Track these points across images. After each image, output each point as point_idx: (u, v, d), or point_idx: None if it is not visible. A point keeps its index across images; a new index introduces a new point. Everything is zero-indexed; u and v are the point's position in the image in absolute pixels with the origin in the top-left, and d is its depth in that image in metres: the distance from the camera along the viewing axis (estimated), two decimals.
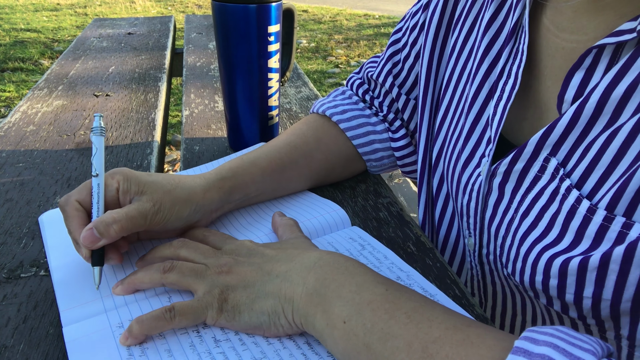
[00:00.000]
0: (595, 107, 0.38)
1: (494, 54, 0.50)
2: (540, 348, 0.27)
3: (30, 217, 0.56)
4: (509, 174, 0.45)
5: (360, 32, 4.73)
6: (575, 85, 0.40)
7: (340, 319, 0.35)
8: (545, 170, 0.42)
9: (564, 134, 0.40)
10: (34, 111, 0.85)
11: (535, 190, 0.43)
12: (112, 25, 1.49)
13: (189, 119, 0.83)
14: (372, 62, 0.69)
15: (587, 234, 0.38)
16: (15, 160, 0.68)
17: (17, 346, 0.39)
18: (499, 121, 0.47)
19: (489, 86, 0.50)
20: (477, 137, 0.51)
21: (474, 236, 0.51)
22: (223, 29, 0.64)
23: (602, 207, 0.37)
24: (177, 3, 5.90)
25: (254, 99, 0.68)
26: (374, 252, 0.50)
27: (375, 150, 0.65)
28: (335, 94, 0.69)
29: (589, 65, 0.40)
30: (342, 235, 0.53)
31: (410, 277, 0.46)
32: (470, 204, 0.50)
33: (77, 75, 1.04)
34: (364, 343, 0.33)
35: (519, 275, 0.44)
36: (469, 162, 0.51)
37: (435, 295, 0.44)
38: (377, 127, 0.65)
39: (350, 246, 0.51)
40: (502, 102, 0.47)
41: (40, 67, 3.56)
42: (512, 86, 0.46)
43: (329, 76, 3.52)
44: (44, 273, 0.47)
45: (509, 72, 0.48)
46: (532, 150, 0.42)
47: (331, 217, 0.54)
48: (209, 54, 1.22)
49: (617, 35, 0.37)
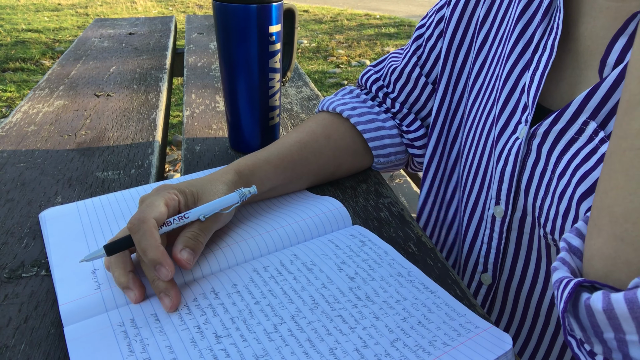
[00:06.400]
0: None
1: (529, 34, 0.51)
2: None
3: (32, 217, 0.56)
4: (547, 135, 0.46)
5: (361, 32, 4.73)
6: (619, 49, 0.40)
7: None
8: (583, 133, 0.43)
9: (605, 98, 0.41)
10: (35, 111, 0.85)
11: (571, 152, 0.44)
12: (113, 25, 1.49)
13: (190, 119, 0.83)
14: (395, 56, 0.71)
15: None
16: (17, 160, 0.68)
17: (18, 346, 0.39)
18: (537, 88, 0.48)
19: (524, 62, 0.51)
20: (513, 107, 0.52)
21: (505, 202, 0.52)
22: (224, 29, 0.64)
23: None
24: (178, 3, 5.91)
25: (255, 99, 0.68)
26: (374, 248, 0.50)
27: (385, 145, 0.67)
28: (343, 93, 0.71)
29: (633, 31, 0.40)
30: (343, 232, 0.53)
31: (410, 273, 0.47)
32: (506, 168, 0.51)
33: (78, 76, 1.04)
34: None
35: (558, 232, 0.45)
36: (504, 131, 0.52)
37: (436, 291, 0.44)
38: (387, 123, 0.67)
39: (351, 242, 0.51)
40: (538, 71, 0.48)
41: (41, 67, 3.56)
42: (548, 56, 0.48)
43: (330, 76, 3.52)
44: (45, 273, 0.47)
45: (545, 45, 0.49)
46: (572, 112, 0.43)
47: (332, 216, 0.55)
48: (210, 54, 1.22)
49: None
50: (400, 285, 0.45)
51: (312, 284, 0.45)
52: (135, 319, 0.41)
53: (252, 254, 0.49)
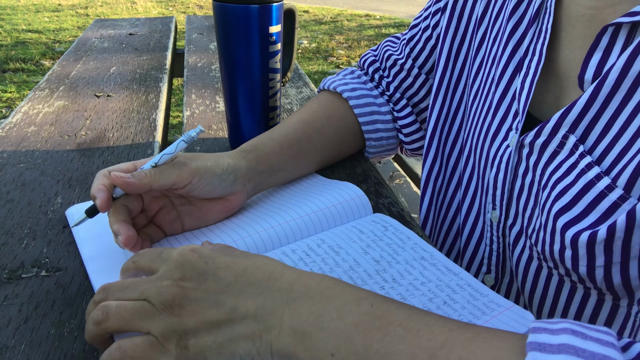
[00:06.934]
0: (613, 85, 0.39)
1: (519, 35, 0.52)
2: (559, 325, 0.27)
3: (32, 218, 0.56)
4: (533, 146, 0.47)
5: (361, 32, 4.73)
6: (594, 65, 0.41)
7: (327, 352, 0.31)
8: (564, 147, 0.43)
9: (582, 113, 0.41)
10: (35, 112, 0.85)
11: (553, 165, 0.44)
12: (114, 25, 1.49)
13: (190, 119, 0.83)
14: (391, 41, 0.73)
15: (598, 209, 0.39)
16: (17, 161, 0.68)
17: (18, 347, 0.39)
18: (527, 95, 0.49)
19: (514, 64, 0.52)
20: (504, 112, 0.52)
21: (499, 208, 0.52)
22: (224, 30, 0.64)
23: (621, 185, 0.38)
24: (178, 4, 5.91)
25: (255, 99, 0.68)
26: (397, 233, 0.51)
27: (377, 130, 0.69)
28: (345, 73, 0.73)
29: (606, 45, 0.41)
30: (366, 219, 0.54)
31: (433, 257, 0.48)
32: (498, 175, 0.51)
33: (78, 76, 1.04)
34: None
35: (541, 245, 0.45)
36: (496, 136, 0.53)
37: (459, 273, 0.46)
38: (382, 108, 0.70)
39: (374, 228, 0.52)
40: (528, 77, 0.49)
41: (41, 67, 3.56)
42: (537, 62, 0.48)
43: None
44: (45, 273, 0.47)
45: (534, 50, 0.49)
46: (552, 126, 0.44)
47: (355, 204, 0.56)
48: (210, 55, 1.22)
49: (631, 15, 0.38)
50: (424, 268, 0.46)
51: (340, 266, 0.47)
52: None
53: (280, 241, 0.51)
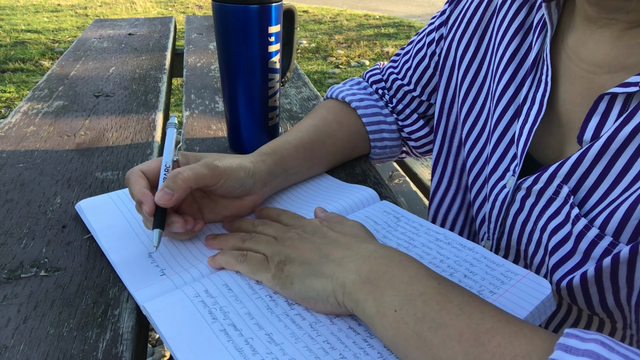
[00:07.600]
0: (602, 146, 0.42)
1: (519, 80, 0.54)
2: (591, 335, 0.29)
3: (31, 218, 0.56)
4: (530, 191, 0.49)
5: (360, 32, 4.73)
6: (592, 128, 0.45)
7: (391, 307, 0.36)
8: (559, 195, 0.47)
9: (574, 166, 0.45)
10: (34, 112, 0.85)
11: (551, 210, 0.48)
12: (113, 26, 1.49)
13: (189, 119, 0.83)
14: (394, 61, 0.75)
15: (593, 256, 0.43)
16: (16, 161, 0.68)
17: (18, 346, 0.39)
18: (525, 141, 0.51)
19: (514, 109, 0.54)
20: (501, 153, 0.55)
21: (492, 240, 0.55)
22: (223, 30, 0.64)
23: (610, 233, 0.41)
24: (178, 4, 5.91)
25: (255, 99, 0.68)
26: (409, 222, 0.54)
27: (382, 138, 0.71)
28: (351, 83, 0.75)
29: (604, 110, 0.44)
30: (377, 209, 0.56)
31: (447, 237, 0.50)
32: (493, 211, 0.54)
33: (77, 76, 1.04)
34: (414, 331, 0.34)
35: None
36: (492, 173, 0.55)
37: (473, 248, 0.48)
38: (388, 118, 0.72)
39: (387, 218, 0.54)
40: (527, 124, 0.51)
41: (40, 67, 3.56)
42: (537, 112, 0.50)
43: (330, 77, 3.52)
44: (44, 273, 0.47)
45: (533, 98, 0.52)
46: (547, 177, 0.47)
47: (362, 196, 0.58)
48: (209, 55, 1.22)
49: (625, 86, 0.42)
50: (441, 248, 0.49)
51: None
52: (208, 290, 0.43)
53: None
